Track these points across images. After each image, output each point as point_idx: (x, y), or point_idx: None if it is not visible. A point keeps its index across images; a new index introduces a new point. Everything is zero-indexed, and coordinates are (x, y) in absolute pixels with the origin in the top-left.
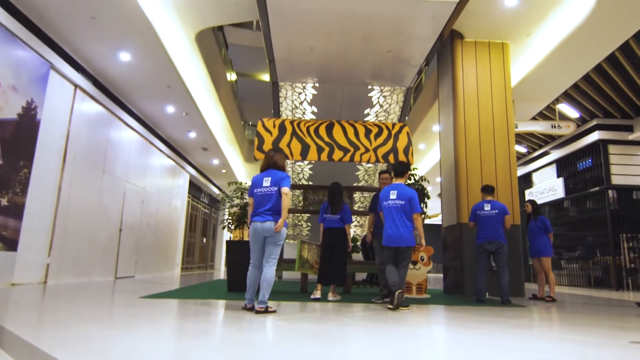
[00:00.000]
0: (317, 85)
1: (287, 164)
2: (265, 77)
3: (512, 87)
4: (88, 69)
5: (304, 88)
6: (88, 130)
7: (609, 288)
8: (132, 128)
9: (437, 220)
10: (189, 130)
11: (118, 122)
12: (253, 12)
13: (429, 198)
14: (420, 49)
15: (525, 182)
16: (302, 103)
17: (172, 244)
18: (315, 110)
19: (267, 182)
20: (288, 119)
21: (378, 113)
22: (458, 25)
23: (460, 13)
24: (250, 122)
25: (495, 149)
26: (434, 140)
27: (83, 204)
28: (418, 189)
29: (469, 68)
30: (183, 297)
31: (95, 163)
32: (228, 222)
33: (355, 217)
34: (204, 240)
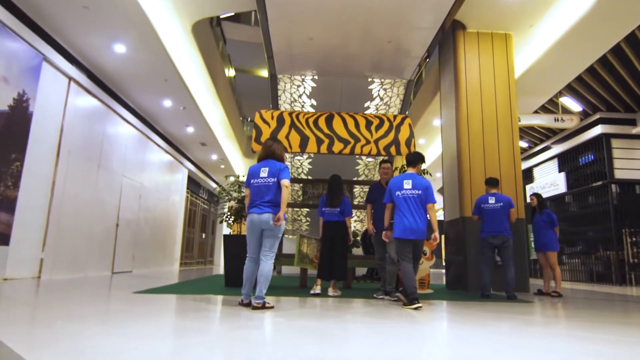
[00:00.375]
0: (316, 78)
1: (286, 156)
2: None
3: (515, 79)
4: (82, 62)
5: (303, 81)
6: (83, 124)
7: (611, 283)
8: (128, 122)
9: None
10: (187, 125)
11: (114, 116)
12: (250, 1)
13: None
14: (422, 40)
15: (526, 177)
16: (301, 96)
17: (170, 239)
18: (315, 104)
19: (264, 172)
20: (286, 111)
21: (378, 106)
22: (460, 16)
23: (463, 3)
24: (249, 118)
25: (499, 142)
26: (435, 135)
27: (78, 199)
28: None
29: (472, 59)
30: (178, 292)
31: (91, 157)
32: (226, 216)
33: (355, 211)
34: (203, 236)
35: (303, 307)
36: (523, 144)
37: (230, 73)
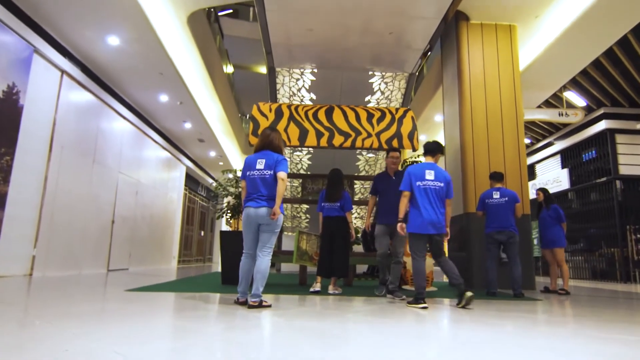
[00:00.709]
0: (315, 71)
1: (284, 147)
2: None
3: (520, 71)
4: (75, 54)
5: (302, 74)
6: (77, 118)
7: (615, 280)
8: (124, 117)
9: None
10: (184, 121)
11: (109, 110)
12: None
13: None
14: (424, 31)
15: (528, 173)
16: (299, 90)
17: (168, 237)
18: (314, 98)
19: (260, 164)
20: (285, 104)
21: (379, 100)
22: (463, 6)
23: None
24: (248, 114)
25: (504, 136)
26: (436, 131)
27: (72, 194)
28: None
29: (475, 51)
30: (173, 290)
31: (85, 152)
32: (224, 212)
33: (356, 207)
34: (202, 233)
35: (302, 305)
36: (525, 140)
37: (229, 70)
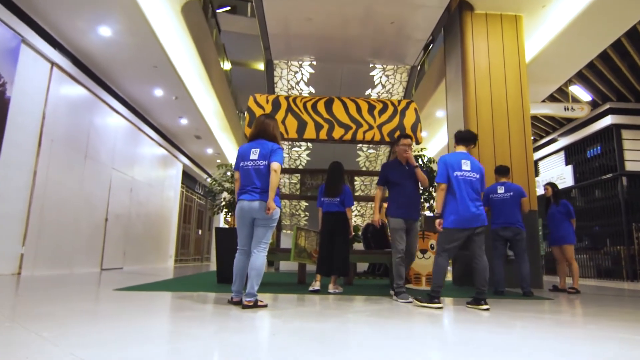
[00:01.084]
0: (314, 64)
1: (281, 136)
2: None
3: (526, 63)
4: (66, 46)
5: (301, 66)
6: (67, 112)
7: (621, 279)
8: (118, 112)
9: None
10: (180, 117)
11: (102, 105)
12: None
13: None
14: (426, 20)
15: None
16: (298, 83)
17: (164, 235)
18: (313, 91)
19: (254, 154)
20: (283, 95)
21: (380, 94)
22: None
23: None
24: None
25: (509, 129)
26: (438, 127)
27: (62, 190)
28: (427, 172)
29: (480, 43)
30: (165, 289)
31: (76, 148)
32: (219, 208)
33: (355, 205)
34: (199, 232)
35: (301, 305)
36: None
37: (226, 66)
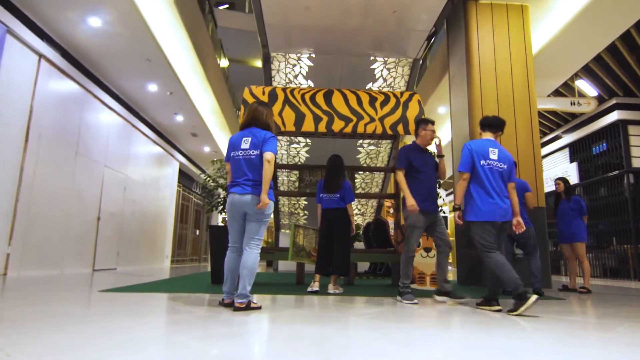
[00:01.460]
0: (313, 57)
1: (275, 126)
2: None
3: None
4: (54, 37)
5: (299, 59)
6: (57, 107)
7: (627, 278)
8: (111, 108)
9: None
10: (176, 113)
11: (94, 100)
12: None
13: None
14: (429, 10)
15: None
16: (296, 77)
17: (160, 235)
18: (312, 85)
19: (246, 143)
20: (280, 87)
21: (381, 88)
22: None
23: None
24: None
25: (516, 124)
26: (440, 124)
27: (52, 188)
28: None
29: (485, 34)
30: (155, 290)
31: (66, 144)
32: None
33: (356, 203)
34: (197, 232)
35: (298, 307)
36: None
37: (224, 63)
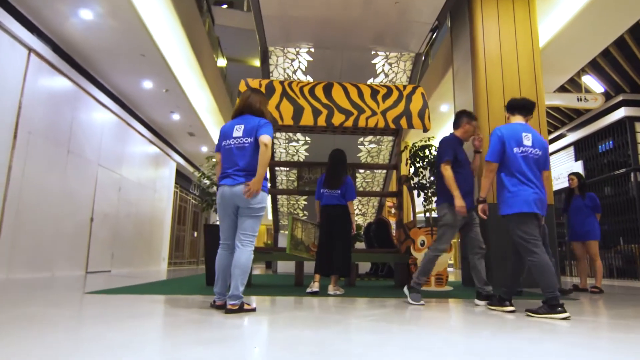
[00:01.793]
0: (312, 51)
1: (273, 119)
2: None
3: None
4: (45, 31)
5: (298, 54)
6: (47, 103)
7: (634, 278)
8: (104, 106)
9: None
10: (172, 111)
11: (86, 97)
12: None
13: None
14: (433, 1)
15: None
16: (295, 72)
17: (157, 237)
18: (311, 80)
19: (238, 130)
20: (277, 80)
21: (383, 84)
22: None
23: None
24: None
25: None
26: (443, 122)
27: (42, 187)
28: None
29: (491, 26)
30: (145, 292)
31: (58, 142)
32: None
33: (357, 204)
34: (195, 234)
35: (296, 309)
36: None
37: (222, 63)
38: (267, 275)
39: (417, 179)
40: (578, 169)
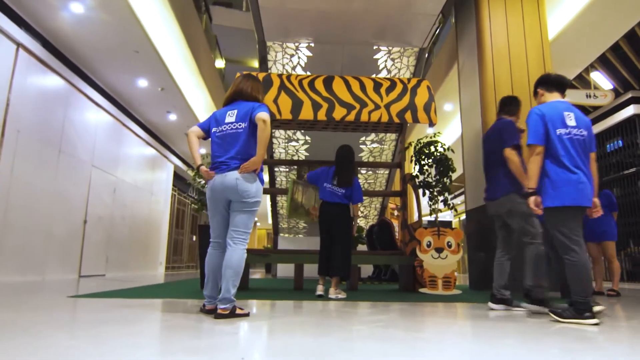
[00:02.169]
0: (312, 46)
1: (262, 94)
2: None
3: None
4: (34, 25)
5: (297, 49)
6: (38, 101)
7: None
8: (98, 104)
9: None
10: (168, 112)
11: (79, 95)
12: None
13: (454, 171)
14: None
15: None
16: (294, 68)
17: (154, 241)
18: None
19: (231, 116)
20: (275, 73)
21: None
22: None
23: None
24: None
25: None
26: (446, 122)
27: (32, 187)
28: (442, 159)
29: (498, 18)
30: (133, 296)
31: (49, 141)
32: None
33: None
34: (194, 238)
35: (294, 314)
36: None
37: (220, 64)
38: (265, 279)
39: (422, 177)
40: None
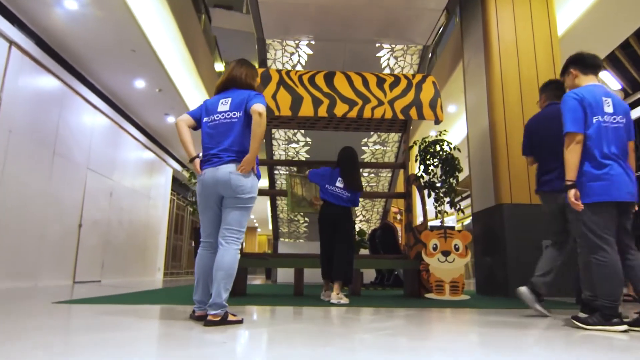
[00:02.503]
0: (312, 44)
1: (260, 84)
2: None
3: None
4: (27, 23)
5: (297, 47)
6: (31, 100)
7: None
8: (94, 106)
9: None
10: (167, 114)
11: (74, 96)
12: None
13: (461, 171)
14: None
15: None
16: (294, 66)
17: (152, 246)
18: None
19: (224, 105)
20: (274, 69)
21: None
22: None
23: None
24: None
25: None
26: (449, 124)
27: (24, 190)
28: (448, 159)
29: (505, 13)
30: (122, 302)
31: (42, 142)
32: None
33: (360, 209)
34: (193, 244)
35: (293, 321)
36: None
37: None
38: (265, 285)
39: (427, 178)
40: None
